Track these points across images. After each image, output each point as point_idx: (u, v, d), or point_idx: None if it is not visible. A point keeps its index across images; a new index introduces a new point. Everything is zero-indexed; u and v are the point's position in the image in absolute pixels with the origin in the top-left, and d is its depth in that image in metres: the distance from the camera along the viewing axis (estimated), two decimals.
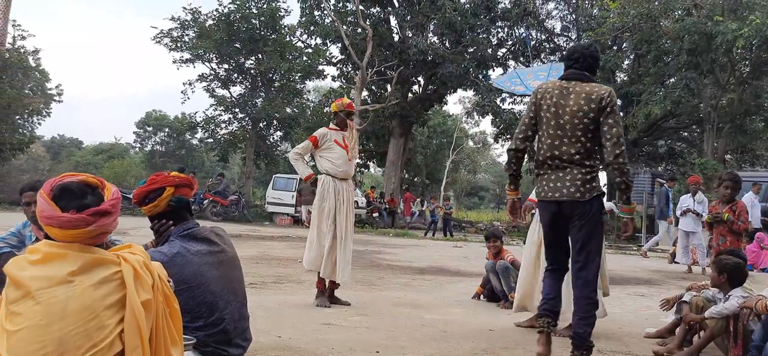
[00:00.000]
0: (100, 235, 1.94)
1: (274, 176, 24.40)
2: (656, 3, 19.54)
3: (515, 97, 25.74)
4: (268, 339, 4.15)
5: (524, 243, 5.43)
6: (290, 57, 27.19)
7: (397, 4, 26.48)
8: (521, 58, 26.27)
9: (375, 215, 23.29)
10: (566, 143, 3.65)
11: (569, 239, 3.76)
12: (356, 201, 22.29)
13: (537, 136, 3.87)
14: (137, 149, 49.24)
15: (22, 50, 27.26)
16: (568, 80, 3.75)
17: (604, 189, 4.01)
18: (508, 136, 25.47)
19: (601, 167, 3.78)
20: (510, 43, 26.00)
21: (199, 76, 27.94)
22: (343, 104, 6.12)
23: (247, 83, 28.16)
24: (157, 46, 28.29)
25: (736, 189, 5.72)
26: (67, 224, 1.88)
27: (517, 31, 25.53)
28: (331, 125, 6.16)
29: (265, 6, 26.34)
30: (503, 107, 25.17)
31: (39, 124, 35.12)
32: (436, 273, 9.28)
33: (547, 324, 3.65)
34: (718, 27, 16.91)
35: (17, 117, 28.72)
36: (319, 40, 27.03)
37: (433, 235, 20.15)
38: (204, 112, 28.76)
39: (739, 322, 3.95)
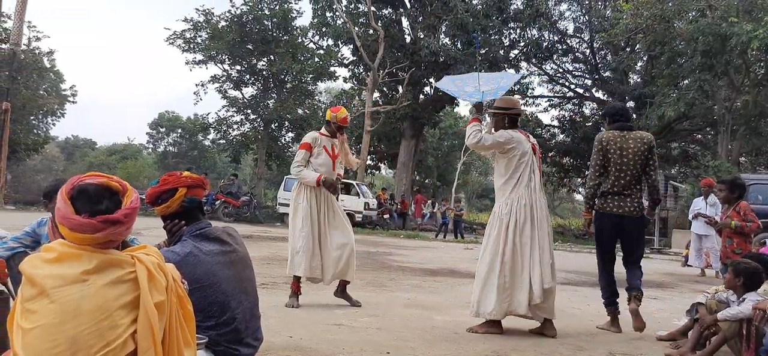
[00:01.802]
0: (109, 242, 1.95)
1: (285, 177, 24.39)
2: (670, 4, 19.38)
3: (527, 99, 25.71)
4: (279, 339, 4.18)
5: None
6: (302, 58, 27.28)
7: (408, 6, 26.47)
8: (533, 60, 26.16)
9: (386, 216, 23.30)
10: (628, 175, 5.08)
11: (621, 240, 5.25)
12: (368, 202, 22.42)
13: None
14: (150, 149, 49.60)
15: (37, 51, 27.54)
16: (621, 130, 5.14)
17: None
18: None
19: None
20: (522, 44, 25.91)
21: (211, 77, 28.20)
22: (337, 117, 5.91)
23: (259, 85, 28.30)
24: (166, 47, 28.55)
25: (730, 190, 5.97)
26: (77, 227, 1.90)
27: (529, 32, 25.43)
28: (323, 130, 6.01)
29: (277, 7, 26.46)
30: None
31: (53, 124, 35.57)
32: (447, 274, 9.27)
33: (617, 303, 5.27)
34: (732, 28, 16.75)
35: (32, 118, 29.02)
36: (330, 42, 27.09)
37: (444, 237, 20.11)
38: (216, 113, 29.00)
39: (752, 325, 3.90)
